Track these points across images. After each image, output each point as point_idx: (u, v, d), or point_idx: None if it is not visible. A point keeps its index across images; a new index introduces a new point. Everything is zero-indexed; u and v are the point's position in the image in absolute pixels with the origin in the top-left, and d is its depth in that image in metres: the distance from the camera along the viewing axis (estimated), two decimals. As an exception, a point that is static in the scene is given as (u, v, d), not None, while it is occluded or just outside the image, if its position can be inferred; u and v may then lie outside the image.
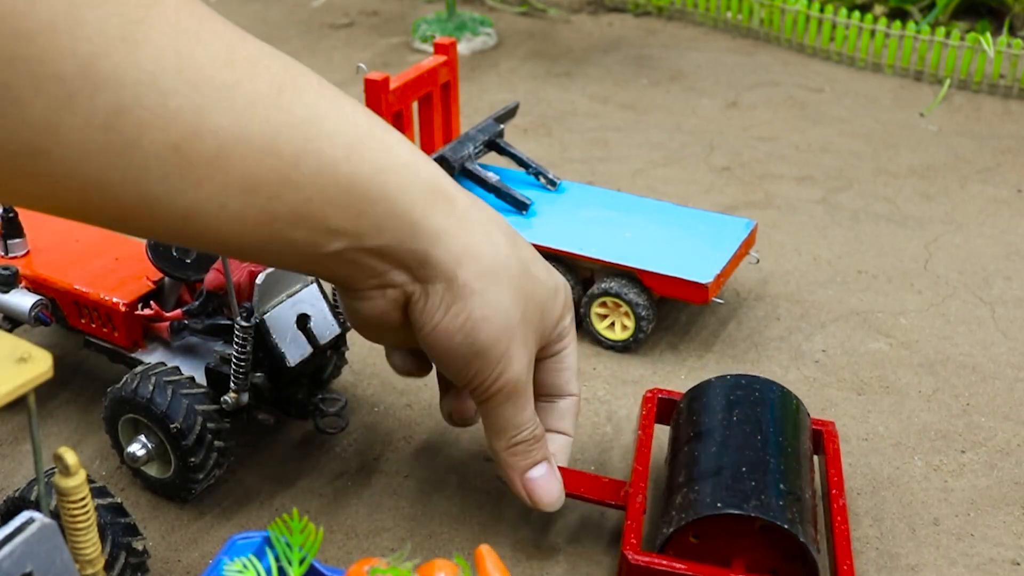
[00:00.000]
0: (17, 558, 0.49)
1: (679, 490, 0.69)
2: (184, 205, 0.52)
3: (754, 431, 0.70)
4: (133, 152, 0.48)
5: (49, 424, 0.88)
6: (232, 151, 0.51)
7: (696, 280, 0.92)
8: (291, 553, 0.55)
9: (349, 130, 0.56)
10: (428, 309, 0.61)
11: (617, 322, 0.95)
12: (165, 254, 0.81)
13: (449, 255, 0.59)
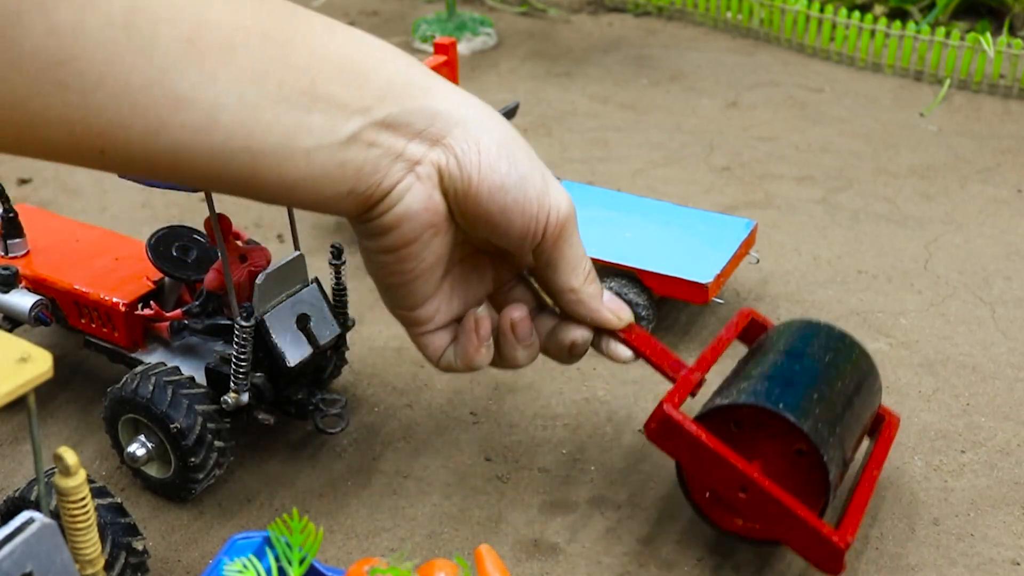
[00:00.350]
0: (17, 558, 0.49)
1: (742, 380, 0.71)
2: (207, 101, 0.54)
3: (836, 377, 0.72)
4: (153, 50, 0.51)
5: (49, 424, 0.88)
6: (234, 39, 0.54)
7: (696, 280, 0.92)
8: (291, 553, 0.55)
9: (324, 19, 0.60)
10: (463, 160, 0.61)
11: None
12: (165, 254, 0.81)
13: (451, 102, 0.62)
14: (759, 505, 0.68)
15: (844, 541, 0.67)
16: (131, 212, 1.20)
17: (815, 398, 0.69)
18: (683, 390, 0.71)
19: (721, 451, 0.68)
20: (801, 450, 0.68)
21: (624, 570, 0.74)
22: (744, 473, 0.67)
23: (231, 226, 0.78)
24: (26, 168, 1.30)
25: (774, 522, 0.68)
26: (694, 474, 0.72)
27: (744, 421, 0.70)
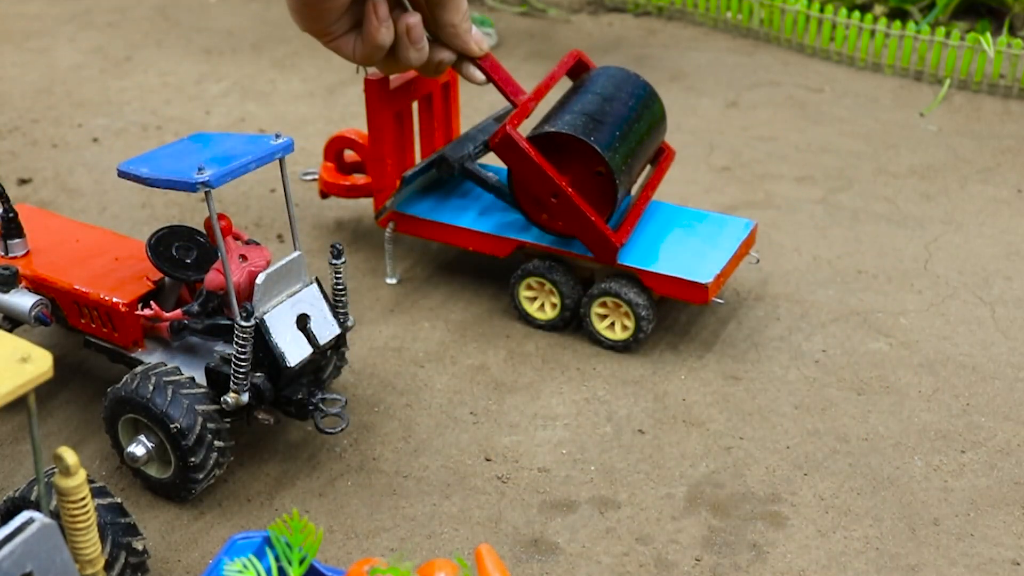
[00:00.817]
0: (17, 558, 0.49)
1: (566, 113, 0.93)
2: None
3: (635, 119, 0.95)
4: None
5: (49, 424, 0.88)
6: None
7: (696, 280, 0.92)
8: (291, 553, 0.55)
9: None
10: None
11: (617, 322, 0.95)
12: (165, 254, 0.81)
13: None
14: (565, 209, 0.91)
15: (619, 240, 0.91)
16: (131, 212, 1.20)
17: (617, 135, 0.92)
18: (522, 115, 0.93)
19: (543, 165, 0.90)
20: (600, 172, 0.91)
21: (624, 570, 0.74)
22: (557, 183, 0.90)
23: (231, 226, 0.78)
24: (26, 168, 1.30)
25: (573, 222, 0.91)
26: (521, 181, 0.94)
27: (564, 145, 0.91)
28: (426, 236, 1.03)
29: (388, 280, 1.06)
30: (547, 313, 0.98)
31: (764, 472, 0.83)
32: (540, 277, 0.97)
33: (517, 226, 1.00)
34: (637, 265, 0.94)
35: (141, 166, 0.74)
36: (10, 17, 1.84)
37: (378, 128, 1.00)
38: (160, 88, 1.53)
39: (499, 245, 1.00)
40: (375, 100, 0.99)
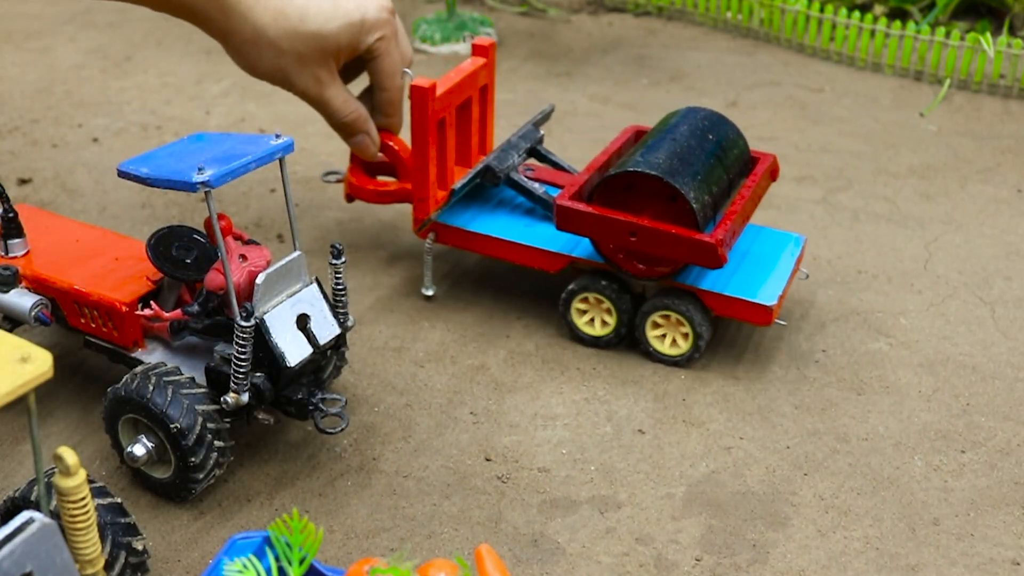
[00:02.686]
0: (17, 558, 0.49)
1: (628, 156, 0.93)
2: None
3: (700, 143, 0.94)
4: None
5: (49, 424, 0.88)
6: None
7: (761, 302, 0.90)
8: (291, 553, 0.55)
9: None
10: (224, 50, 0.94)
11: (673, 337, 0.93)
12: (165, 254, 0.81)
13: (218, 31, 0.91)
14: (650, 239, 0.89)
15: (715, 238, 0.86)
16: (131, 212, 1.20)
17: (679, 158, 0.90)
18: (572, 188, 0.93)
19: (606, 212, 0.90)
20: (673, 198, 0.89)
21: (624, 570, 0.74)
22: (628, 220, 0.89)
23: (231, 226, 0.78)
24: (26, 168, 1.30)
25: (663, 246, 0.89)
26: (600, 241, 0.93)
27: (630, 189, 0.91)
28: (469, 248, 1.01)
29: (425, 291, 1.03)
30: (599, 329, 0.95)
31: (764, 472, 0.83)
32: (597, 294, 0.94)
33: (569, 241, 0.98)
34: (698, 285, 0.92)
35: (141, 166, 0.74)
36: (10, 17, 1.84)
37: (422, 136, 0.96)
38: (160, 88, 1.53)
39: (550, 260, 0.97)
40: (422, 108, 0.95)
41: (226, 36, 0.91)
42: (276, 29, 0.90)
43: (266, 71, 0.93)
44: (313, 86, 0.95)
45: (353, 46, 0.94)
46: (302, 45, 0.92)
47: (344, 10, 0.93)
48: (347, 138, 1.01)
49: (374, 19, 0.94)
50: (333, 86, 0.96)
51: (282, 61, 0.92)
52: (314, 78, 0.95)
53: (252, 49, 0.91)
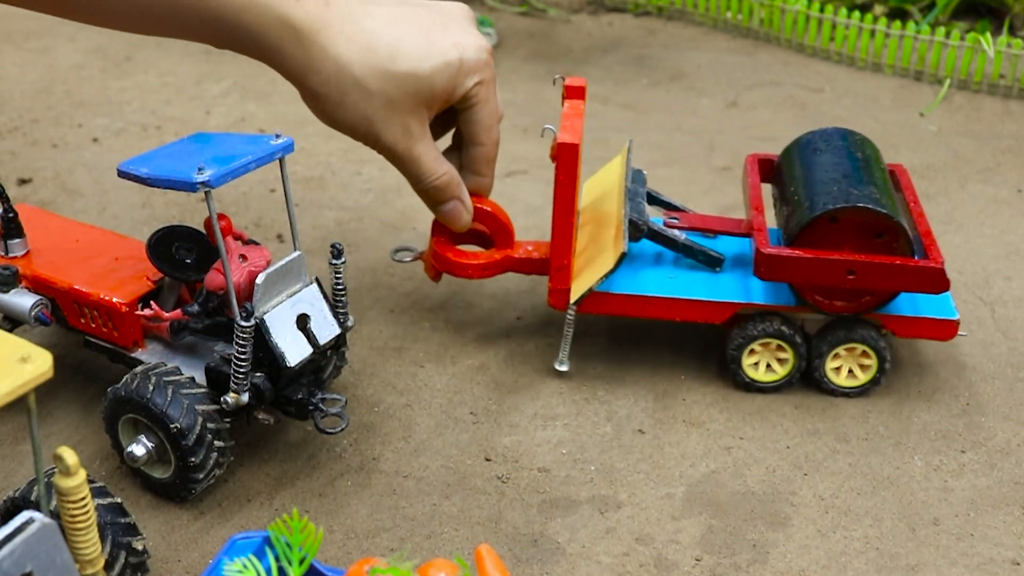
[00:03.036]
0: (17, 558, 0.49)
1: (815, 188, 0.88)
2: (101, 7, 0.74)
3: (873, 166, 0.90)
4: None
5: (49, 424, 0.88)
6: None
7: (946, 317, 0.88)
8: (291, 553, 0.55)
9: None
10: (301, 96, 0.81)
11: (848, 367, 0.90)
12: (165, 254, 0.81)
13: (294, 71, 0.78)
14: (871, 275, 0.84)
15: (939, 263, 0.84)
16: (131, 212, 1.20)
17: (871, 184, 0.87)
18: (761, 234, 0.87)
19: (823, 255, 0.84)
20: (880, 233, 0.85)
21: (624, 570, 0.74)
22: (846, 259, 0.84)
23: (231, 226, 0.78)
24: (26, 168, 1.30)
25: (887, 280, 0.84)
26: (806, 284, 0.87)
27: (838, 217, 0.85)
28: (618, 312, 0.91)
29: (559, 366, 0.92)
30: (777, 373, 0.90)
31: (764, 472, 0.83)
32: (777, 339, 0.88)
33: (731, 287, 0.91)
34: (882, 311, 0.88)
35: (141, 166, 0.74)
36: (10, 17, 1.84)
37: (569, 197, 0.85)
38: (160, 88, 1.53)
39: (716, 311, 0.90)
40: (570, 166, 0.84)
41: (304, 75, 0.78)
42: (363, 66, 0.77)
43: (348, 119, 0.80)
44: (402, 139, 0.81)
45: (449, 91, 0.81)
46: (393, 87, 0.78)
47: (440, 48, 0.80)
48: (436, 205, 0.87)
49: (473, 60, 0.81)
50: (424, 141, 0.83)
51: (369, 107, 0.79)
52: (403, 129, 0.81)
53: (334, 91, 0.78)
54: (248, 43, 0.76)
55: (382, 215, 1.19)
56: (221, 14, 0.74)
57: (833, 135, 0.94)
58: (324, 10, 0.77)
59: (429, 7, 0.82)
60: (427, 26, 0.80)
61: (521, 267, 0.94)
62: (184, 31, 0.76)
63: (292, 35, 0.76)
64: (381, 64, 0.78)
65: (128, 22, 0.76)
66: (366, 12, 0.79)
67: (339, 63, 0.77)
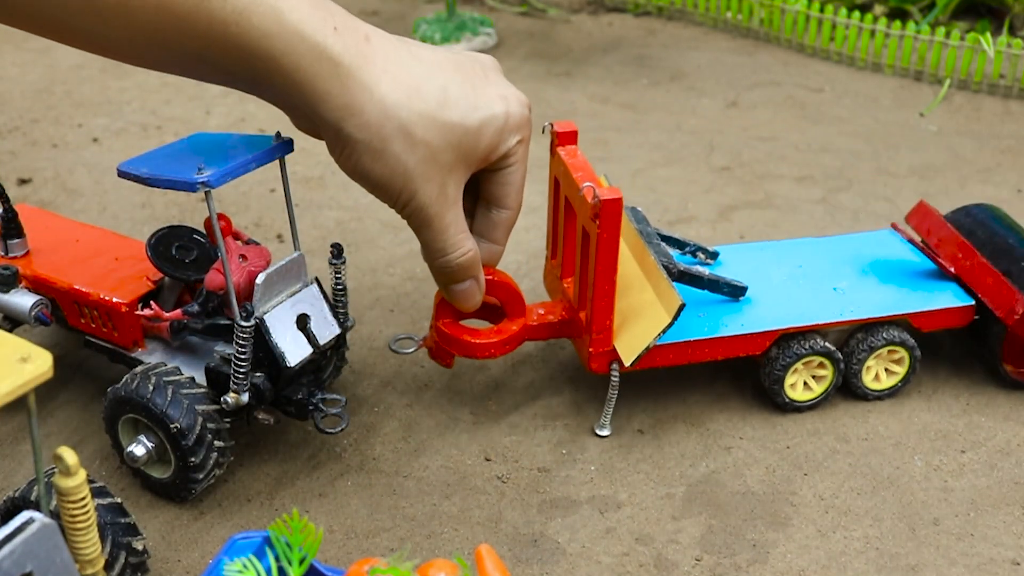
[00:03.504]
0: (17, 558, 0.49)
1: None
2: (101, 36, 0.62)
3: None
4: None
5: (49, 424, 0.88)
6: (133, 4, 0.60)
7: (964, 304, 0.89)
8: (291, 553, 0.55)
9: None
10: (328, 146, 0.70)
11: (877, 371, 0.90)
12: (165, 254, 0.81)
13: (331, 112, 0.67)
14: None
15: None
16: (131, 212, 1.20)
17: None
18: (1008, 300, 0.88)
19: None
20: None
21: (624, 570, 0.74)
22: None
23: (231, 226, 0.78)
24: (26, 168, 1.30)
25: None
26: None
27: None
28: (662, 364, 0.85)
29: (600, 431, 0.86)
30: (813, 391, 0.89)
31: (764, 472, 0.83)
32: (820, 356, 0.87)
33: (764, 313, 0.88)
34: (908, 310, 0.89)
35: (141, 166, 0.74)
36: (10, 17, 1.84)
37: (611, 256, 0.79)
38: (160, 88, 1.53)
39: (756, 342, 0.86)
40: (614, 224, 0.78)
41: (341, 117, 0.66)
42: (410, 112, 0.67)
43: (385, 172, 0.69)
44: (436, 201, 0.72)
45: (492, 148, 0.73)
46: (439, 138, 0.69)
47: (487, 99, 0.72)
48: (450, 284, 0.78)
49: (518, 116, 0.74)
50: (456, 207, 0.74)
51: (410, 158, 0.69)
52: (440, 189, 0.71)
53: (375, 137, 0.67)
54: (274, 78, 0.65)
55: (382, 215, 1.19)
56: (244, 42, 0.62)
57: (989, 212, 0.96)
58: (365, 45, 0.67)
59: (463, 53, 0.75)
60: (471, 74, 0.72)
61: (539, 334, 0.87)
62: (197, 64, 0.65)
63: (330, 69, 0.65)
64: (429, 111, 0.69)
65: (134, 53, 0.64)
66: (410, 52, 0.70)
67: (385, 105, 0.67)
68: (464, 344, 0.83)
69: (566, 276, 0.89)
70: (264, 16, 0.62)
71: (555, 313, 0.88)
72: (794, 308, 0.88)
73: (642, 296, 0.84)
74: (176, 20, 0.61)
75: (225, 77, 0.66)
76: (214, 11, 0.61)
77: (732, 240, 1.14)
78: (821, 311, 0.88)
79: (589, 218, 0.78)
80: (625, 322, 0.83)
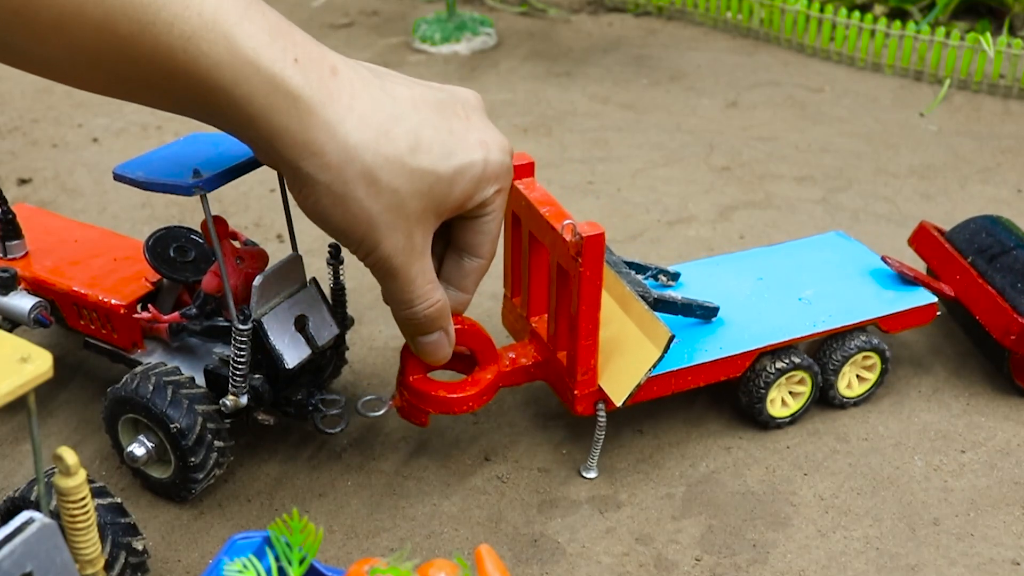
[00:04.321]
0: (17, 558, 0.49)
1: None
2: (40, 55, 0.59)
3: None
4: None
5: (49, 424, 0.88)
6: (71, 23, 0.55)
7: (927, 303, 0.89)
8: (291, 553, 0.55)
9: (192, 20, 0.57)
10: (287, 183, 0.66)
11: (849, 379, 0.89)
12: (163, 255, 0.81)
13: (288, 150, 0.62)
14: None
15: None
16: (131, 212, 1.20)
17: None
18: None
19: None
20: None
21: (624, 570, 0.74)
22: None
23: (227, 228, 0.77)
24: (26, 168, 1.30)
25: None
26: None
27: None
28: (646, 399, 0.82)
29: (587, 474, 0.83)
30: (791, 405, 0.87)
31: (764, 472, 0.83)
32: (799, 371, 0.85)
33: (740, 333, 0.85)
34: (873, 315, 0.88)
35: (136, 170, 0.72)
36: (10, 17, 1.84)
37: (595, 294, 0.75)
38: (160, 88, 1.53)
39: (737, 363, 0.84)
40: (597, 261, 0.73)
41: (298, 157, 0.62)
42: (376, 155, 0.62)
43: (345, 218, 0.64)
44: (402, 252, 0.67)
45: (466, 198, 0.68)
46: (406, 184, 0.64)
47: (466, 145, 0.67)
48: (417, 336, 0.73)
49: (497, 164, 0.68)
50: (424, 258, 0.69)
51: (374, 205, 0.64)
52: (407, 239, 0.67)
53: (336, 181, 0.62)
54: (227, 111, 0.60)
55: (382, 215, 1.19)
56: (192, 70, 0.58)
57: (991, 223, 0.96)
58: (331, 79, 0.62)
59: (444, 89, 0.69)
60: (449, 115, 0.67)
61: (515, 379, 0.83)
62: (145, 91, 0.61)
63: (287, 105, 0.60)
64: (398, 155, 0.63)
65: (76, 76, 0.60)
66: (383, 88, 0.65)
67: (347, 146, 0.62)
68: (439, 400, 0.78)
69: (534, 315, 0.85)
70: (215, 44, 0.57)
71: (528, 356, 0.83)
72: (768, 324, 0.86)
73: (623, 330, 0.79)
74: (119, 42, 0.56)
75: (175, 106, 0.62)
76: (159, 36, 0.56)
77: (732, 240, 1.14)
78: (794, 325, 0.86)
79: (569, 256, 0.74)
80: (608, 359, 0.79)
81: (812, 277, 0.92)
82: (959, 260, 0.93)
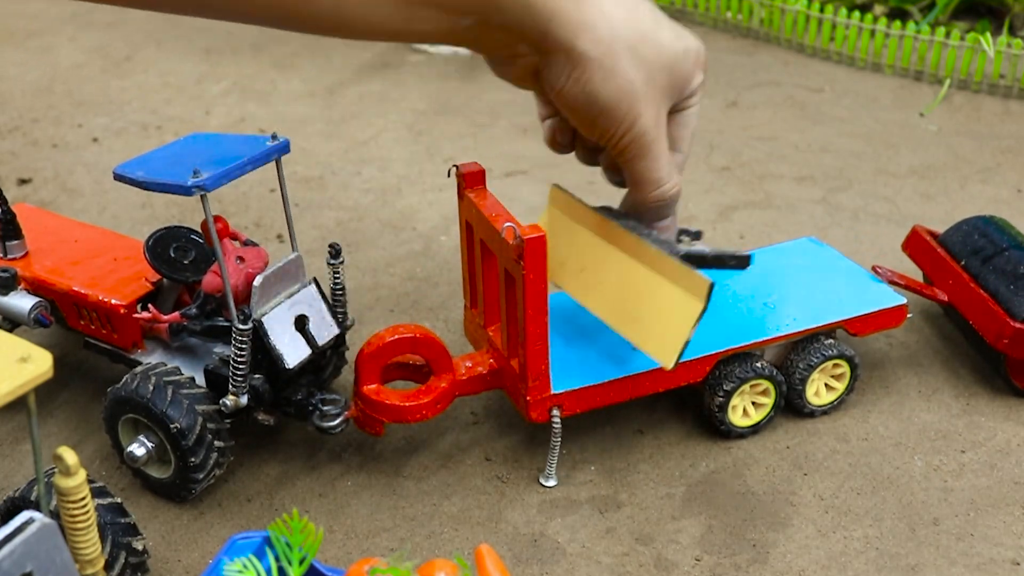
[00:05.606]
0: (17, 558, 0.49)
1: None
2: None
3: None
4: None
5: (49, 424, 0.88)
6: None
7: (896, 304, 0.88)
8: (291, 553, 0.55)
9: None
10: (553, 76, 0.67)
11: (817, 387, 0.88)
12: (163, 255, 0.81)
13: (564, 29, 0.64)
14: None
15: None
16: (131, 212, 1.20)
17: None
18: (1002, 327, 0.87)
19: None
20: None
21: (624, 570, 0.74)
22: None
23: (227, 228, 0.77)
24: (26, 168, 1.30)
25: None
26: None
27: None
28: (602, 404, 0.81)
29: (546, 482, 0.82)
30: (753, 416, 0.86)
31: (764, 472, 0.83)
32: (762, 380, 0.84)
33: (703, 338, 0.82)
34: (839, 318, 0.86)
35: (136, 170, 0.73)
36: (10, 16, 1.84)
37: (540, 296, 0.73)
38: (160, 88, 1.53)
39: (698, 368, 0.82)
40: (540, 263, 0.72)
41: (575, 34, 0.65)
42: (632, 30, 0.66)
43: (614, 91, 0.67)
44: (654, 127, 0.70)
45: (687, 81, 0.72)
46: (657, 59, 0.68)
47: (681, 31, 0.71)
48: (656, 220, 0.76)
49: (705, 54, 0.73)
50: (664, 139, 0.72)
51: (637, 76, 0.67)
52: (657, 114, 0.70)
53: (606, 54, 0.65)
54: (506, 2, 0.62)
55: (382, 215, 1.19)
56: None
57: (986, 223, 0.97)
58: None
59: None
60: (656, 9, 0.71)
61: (470, 388, 0.83)
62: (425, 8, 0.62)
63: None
64: (646, 31, 0.67)
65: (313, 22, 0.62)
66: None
67: (613, 22, 0.65)
68: (393, 409, 0.79)
69: (490, 324, 0.84)
70: None
71: (483, 364, 0.83)
72: (729, 328, 0.84)
73: (658, 291, 0.76)
74: None
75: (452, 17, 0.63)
76: None
77: (733, 240, 1.14)
78: (757, 328, 0.85)
79: (512, 260, 0.73)
80: (647, 325, 0.76)
81: (780, 282, 0.90)
82: (951, 264, 0.93)
